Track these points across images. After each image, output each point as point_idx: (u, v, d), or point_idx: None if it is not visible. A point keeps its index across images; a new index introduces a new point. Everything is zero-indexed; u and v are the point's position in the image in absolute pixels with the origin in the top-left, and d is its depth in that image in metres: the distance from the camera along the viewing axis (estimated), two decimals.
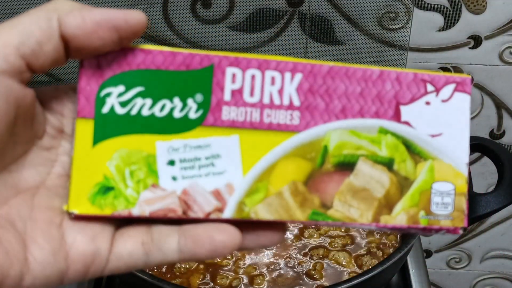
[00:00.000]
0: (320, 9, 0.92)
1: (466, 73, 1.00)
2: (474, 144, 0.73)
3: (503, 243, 1.17)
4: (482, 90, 1.00)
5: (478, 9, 0.92)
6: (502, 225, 1.14)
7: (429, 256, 1.19)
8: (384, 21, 0.93)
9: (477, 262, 1.20)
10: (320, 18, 0.93)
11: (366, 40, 0.95)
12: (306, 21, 0.94)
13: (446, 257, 1.19)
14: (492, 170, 0.72)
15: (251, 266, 0.69)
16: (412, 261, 0.78)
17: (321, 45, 0.96)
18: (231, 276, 0.68)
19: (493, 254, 1.19)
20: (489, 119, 1.03)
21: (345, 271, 0.69)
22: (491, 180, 1.08)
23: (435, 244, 1.18)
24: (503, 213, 1.12)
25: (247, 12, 0.93)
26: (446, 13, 0.92)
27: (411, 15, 0.92)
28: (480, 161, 1.06)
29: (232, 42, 0.95)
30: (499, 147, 0.72)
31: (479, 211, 0.67)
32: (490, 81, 0.99)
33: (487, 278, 1.22)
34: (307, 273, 0.68)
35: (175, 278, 0.67)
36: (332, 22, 0.93)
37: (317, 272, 0.68)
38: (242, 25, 0.94)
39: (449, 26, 0.93)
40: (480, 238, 1.16)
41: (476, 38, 0.94)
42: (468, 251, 1.18)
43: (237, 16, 0.93)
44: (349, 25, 0.93)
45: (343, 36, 0.95)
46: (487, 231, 1.15)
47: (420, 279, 0.76)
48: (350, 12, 0.92)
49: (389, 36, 0.94)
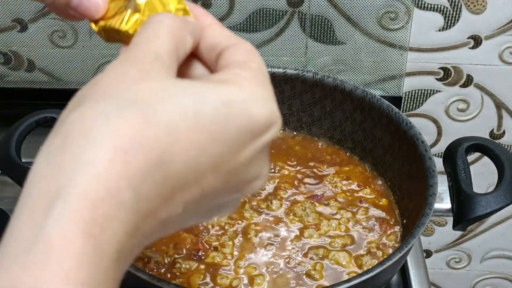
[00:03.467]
0: (320, 9, 0.92)
1: (466, 73, 1.00)
2: (474, 144, 0.73)
3: (503, 243, 1.17)
4: (482, 90, 1.00)
5: (478, 9, 0.92)
6: (502, 225, 1.14)
7: (429, 256, 1.19)
8: (384, 21, 0.93)
9: (477, 262, 1.20)
10: (320, 18, 0.93)
11: (366, 40, 0.95)
12: (306, 21, 0.94)
13: (446, 257, 1.19)
14: (492, 170, 0.72)
15: (251, 266, 0.69)
16: (412, 261, 0.78)
17: (321, 45, 0.96)
18: (231, 276, 0.68)
19: (493, 254, 1.19)
20: (489, 119, 1.03)
21: (345, 271, 0.69)
22: (491, 180, 1.08)
23: (435, 244, 1.18)
24: (503, 213, 1.12)
25: (247, 12, 0.93)
26: (446, 13, 0.92)
27: (411, 15, 0.92)
28: (480, 161, 1.06)
29: None
30: (499, 147, 0.72)
31: (479, 211, 0.67)
32: (490, 81, 0.99)
33: (487, 278, 1.22)
34: (307, 273, 0.68)
35: (175, 278, 0.67)
36: (332, 22, 0.93)
37: (317, 272, 0.68)
38: (242, 25, 0.94)
39: (449, 26, 0.93)
40: (480, 238, 1.16)
41: (476, 38, 0.94)
42: (468, 251, 1.18)
43: (237, 16, 0.93)
44: (349, 25, 0.93)
45: (343, 36, 0.95)
46: (487, 231, 1.15)
47: (420, 279, 0.76)
48: (350, 12, 0.92)
49: (389, 36, 0.94)
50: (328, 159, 0.83)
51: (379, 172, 0.81)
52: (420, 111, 1.02)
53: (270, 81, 0.37)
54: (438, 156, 1.05)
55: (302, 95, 0.83)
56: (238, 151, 0.33)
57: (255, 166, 0.35)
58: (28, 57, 0.99)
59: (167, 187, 0.31)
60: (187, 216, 0.34)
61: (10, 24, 0.94)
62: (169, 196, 0.31)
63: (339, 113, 0.82)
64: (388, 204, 0.77)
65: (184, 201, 0.32)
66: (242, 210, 0.75)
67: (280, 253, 0.70)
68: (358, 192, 0.79)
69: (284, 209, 0.76)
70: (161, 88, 0.32)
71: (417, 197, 0.71)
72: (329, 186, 0.79)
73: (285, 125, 0.86)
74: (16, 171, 0.68)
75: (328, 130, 0.85)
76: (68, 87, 1.02)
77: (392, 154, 0.78)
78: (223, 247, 0.70)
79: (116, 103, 0.30)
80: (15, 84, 1.02)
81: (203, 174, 0.32)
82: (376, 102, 0.78)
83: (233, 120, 0.33)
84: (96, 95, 0.31)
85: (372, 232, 0.74)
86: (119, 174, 0.29)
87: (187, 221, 0.35)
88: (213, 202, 0.35)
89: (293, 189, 0.78)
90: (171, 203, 0.32)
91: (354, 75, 0.98)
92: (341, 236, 0.73)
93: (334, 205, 0.76)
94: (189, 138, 0.31)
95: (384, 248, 0.72)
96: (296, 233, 0.73)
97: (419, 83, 0.99)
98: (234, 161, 0.33)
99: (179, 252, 0.70)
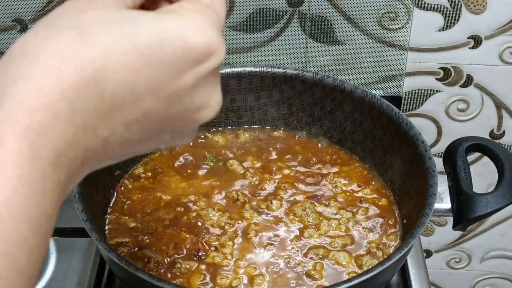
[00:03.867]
0: (320, 9, 0.92)
1: (466, 73, 1.00)
2: (474, 144, 0.73)
3: (503, 243, 1.17)
4: (482, 90, 1.00)
5: (478, 9, 0.92)
6: (502, 225, 1.14)
7: (429, 256, 1.19)
8: (384, 21, 0.93)
9: (477, 262, 1.20)
10: (320, 18, 0.93)
11: (366, 40, 0.95)
12: (306, 21, 0.94)
13: (446, 257, 1.19)
14: (492, 170, 0.72)
15: (251, 266, 0.69)
16: (412, 261, 0.78)
17: (321, 45, 0.96)
18: (231, 276, 0.68)
19: (493, 254, 1.19)
20: (489, 119, 1.03)
21: (345, 271, 0.69)
22: (491, 180, 1.08)
23: (435, 244, 1.18)
24: (503, 213, 1.12)
25: (247, 12, 0.93)
26: (446, 13, 0.92)
27: (411, 15, 0.92)
28: (480, 161, 1.06)
29: (232, 42, 0.95)
30: (499, 147, 0.72)
31: (479, 211, 0.67)
32: (490, 81, 0.99)
33: (487, 278, 1.22)
34: (307, 273, 0.68)
35: (175, 278, 0.67)
36: (332, 22, 0.93)
37: (317, 272, 0.68)
38: (242, 25, 0.94)
39: (449, 26, 0.93)
40: (480, 238, 1.16)
41: (476, 38, 0.94)
42: (468, 251, 1.18)
43: (237, 16, 0.93)
44: (349, 25, 0.93)
45: (343, 36, 0.95)
46: (487, 231, 1.15)
47: (420, 279, 0.76)
48: (350, 12, 0.92)
49: (389, 36, 0.94)
50: (328, 159, 0.83)
51: (379, 172, 0.81)
52: (420, 111, 1.02)
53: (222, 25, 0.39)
54: (438, 156, 1.05)
55: (302, 95, 0.83)
56: (176, 77, 0.36)
57: (200, 94, 0.38)
58: None
59: (104, 105, 0.34)
60: (134, 137, 0.37)
61: (10, 24, 0.94)
62: (107, 114, 0.34)
63: (339, 113, 0.82)
64: (388, 204, 0.77)
65: (125, 121, 0.35)
66: (242, 210, 0.75)
67: (280, 253, 0.70)
68: (358, 192, 0.79)
69: (284, 209, 0.76)
70: (102, 15, 0.35)
71: (417, 197, 0.71)
72: (329, 186, 0.79)
73: (285, 125, 0.86)
74: None
75: (328, 130, 0.85)
76: None
77: (392, 154, 0.78)
78: (223, 247, 0.70)
79: (57, 28, 0.34)
80: None
81: (141, 96, 0.35)
82: (376, 102, 0.78)
83: (169, 46, 0.35)
84: (43, 23, 0.35)
85: (372, 232, 0.74)
86: (53, 87, 0.32)
87: (137, 144, 0.38)
88: (161, 127, 0.38)
89: (293, 189, 0.78)
90: (111, 121, 0.35)
91: (354, 75, 0.98)
92: (341, 236, 0.73)
93: (334, 205, 0.76)
94: (124, 60, 0.34)
95: (384, 248, 0.72)
96: (296, 233, 0.73)
97: (419, 83, 0.99)
98: (174, 86, 0.36)
99: (179, 252, 0.70)
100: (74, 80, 0.33)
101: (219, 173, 0.80)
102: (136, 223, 0.73)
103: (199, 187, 0.78)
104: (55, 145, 0.32)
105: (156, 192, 0.77)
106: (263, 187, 0.78)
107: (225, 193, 0.78)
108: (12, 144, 0.31)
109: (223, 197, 0.77)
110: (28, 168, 0.31)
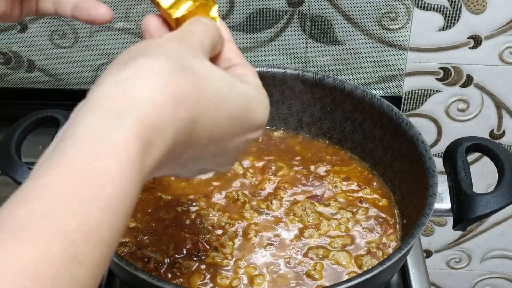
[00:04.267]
0: (320, 9, 0.92)
1: (466, 73, 1.00)
2: (474, 144, 0.73)
3: (503, 243, 1.17)
4: (482, 90, 1.00)
5: (478, 9, 0.92)
6: (502, 225, 1.14)
7: (429, 256, 1.19)
8: (384, 21, 0.93)
9: (477, 262, 1.20)
10: (320, 18, 0.93)
11: (366, 40, 0.95)
12: (306, 21, 0.94)
13: (446, 257, 1.19)
14: (492, 170, 0.72)
15: (251, 266, 0.69)
16: (412, 261, 0.78)
17: (321, 45, 0.96)
18: (231, 276, 0.68)
19: (493, 254, 1.19)
20: (489, 119, 1.03)
21: (345, 271, 0.69)
22: (491, 180, 1.08)
23: (435, 244, 1.18)
24: (503, 213, 1.12)
25: (247, 12, 0.93)
26: (446, 13, 0.92)
27: (411, 15, 0.92)
28: (480, 161, 1.06)
29: None
30: (499, 147, 0.72)
31: (479, 211, 0.67)
32: (490, 81, 0.99)
33: (487, 278, 1.22)
34: (307, 273, 0.68)
35: (175, 278, 0.67)
36: (332, 22, 0.93)
37: (317, 272, 0.68)
38: (242, 25, 0.94)
39: (449, 26, 0.93)
40: (480, 238, 1.16)
41: (476, 38, 0.94)
42: (468, 251, 1.18)
43: (237, 16, 0.93)
44: (349, 25, 0.93)
45: (343, 36, 0.95)
46: (487, 231, 1.15)
47: (420, 279, 0.76)
48: (350, 12, 0.92)
49: (389, 36, 0.94)
50: (328, 159, 0.83)
51: (379, 172, 0.81)
52: (420, 111, 1.02)
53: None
54: (438, 156, 1.05)
55: (302, 95, 0.83)
56: (236, 137, 0.43)
57: (234, 154, 0.45)
58: (28, 57, 0.99)
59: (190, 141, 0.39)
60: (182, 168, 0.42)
61: (10, 24, 0.94)
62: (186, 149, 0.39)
63: (339, 113, 0.82)
64: (388, 204, 0.77)
65: (189, 157, 0.40)
66: (242, 210, 0.75)
67: (280, 253, 0.70)
68: (358, 192, 0.79)
69: (284, 209, 0.76)
70: (207, 66, 0.40)
71: (417, 197, 0.71)
72: (329, 186, 0.79)
73: (285, 125, 0.86)
74: (16, 171, 0.68)
75: (328, 130, 0.85)
76: (68, 87, 1.02)
77: (392, 154, 0.78)
78: (223, 247, 0.70)
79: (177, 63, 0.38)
80: (15, 84, 1.02)
81: (209, 143, 0.41)
82: (376, 102, 0.78)
83: (247, 112, 0.42)
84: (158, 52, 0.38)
85: (372, 232, 0.74)
86: (169, 116, 0.36)
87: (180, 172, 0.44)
88: (200, 166, 0.44)
89: (293, 189, 0.78)
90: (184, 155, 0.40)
91: (354, 75, 0.98)
92: (341, 236, 0.73)
93: (334, 205, 0.76)
94: (217, 111, 0.39)
95: (384, 248, 0.72)
96: (296, 233, 0.73)
97: (419, 83, 0.99)
98: (229, 143, 0.43)
99: (179, 252, 0.70)
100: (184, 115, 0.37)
101: (219, 173, 0.80)
102: (136, 223, 0.73)
103: (199, 187, 0.78)
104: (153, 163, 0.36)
105: (156, 192, 0.77)
106: (263, 187, 0.78)
107: (225, 193, 0.78)
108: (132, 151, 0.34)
109: (223, 197, 0.77)
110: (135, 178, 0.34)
